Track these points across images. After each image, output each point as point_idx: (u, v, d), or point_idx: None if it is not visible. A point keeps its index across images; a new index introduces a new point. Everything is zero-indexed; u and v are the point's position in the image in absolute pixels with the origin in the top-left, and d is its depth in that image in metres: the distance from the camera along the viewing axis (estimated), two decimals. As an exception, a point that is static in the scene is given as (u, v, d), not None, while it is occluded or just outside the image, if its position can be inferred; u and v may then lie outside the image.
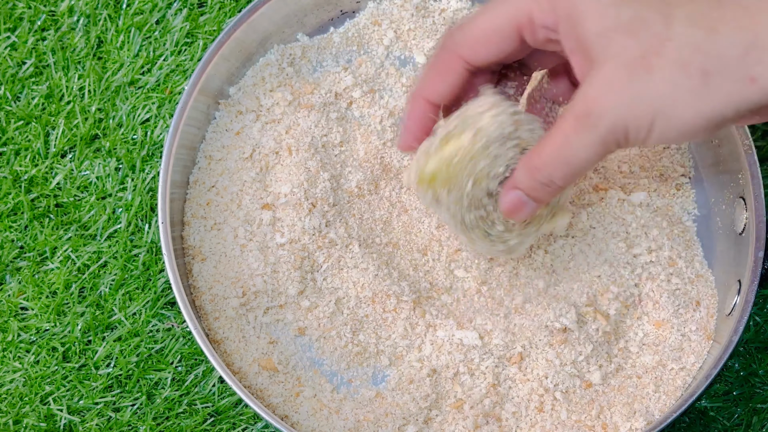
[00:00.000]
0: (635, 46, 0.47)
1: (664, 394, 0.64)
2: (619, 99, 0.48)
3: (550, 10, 0.50)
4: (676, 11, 0.47)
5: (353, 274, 0.65)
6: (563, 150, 0.50)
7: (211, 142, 0.69)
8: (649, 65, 0.47)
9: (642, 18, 0.47)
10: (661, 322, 0.65)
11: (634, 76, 0.47)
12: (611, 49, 0.48)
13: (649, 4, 0.48)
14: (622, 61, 0.48)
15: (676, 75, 0.47)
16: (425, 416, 0.63)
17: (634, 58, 0.47)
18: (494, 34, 0.53)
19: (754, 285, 0.63)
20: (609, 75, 0.48)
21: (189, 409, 0.69)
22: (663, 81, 0.47)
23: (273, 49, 0.71)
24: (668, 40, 0.47)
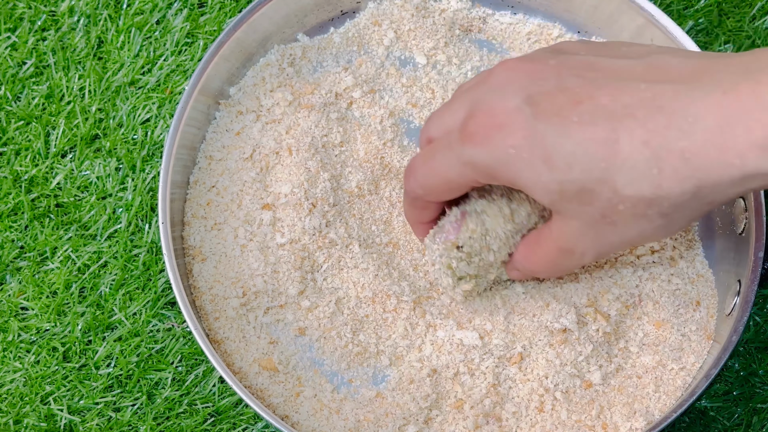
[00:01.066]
0: (592, 211, 0.51)
1: (664, 394, 0.64)
2: (597, 246, 0.54)
3: (493, 179, 0.54)
4: (617, 177, 0.49)
5: (353, 274, 0.65)
6: (554, 266, 0.58)
7: (211, 142, 0.69)
8: (612, 222, 0.51)
9: (588, 190, 0.50)
10: (661, 323, 0.65)
11: (601, 231, 0.52)
12: (569, 211, 0.52)
13: (589, 177, 0.50)
14: (585, 221, 0.52)
15: (640, 223, 0.51)
16: (425, 416, 0.63)
17: (595, 219, 0.52)
18: (453, 190, 0.57)
19: (754, 285, 0.63)
20: (578, 228, 0.53)
21: (189, 409, 0.69)
22: (629, 229, 0.52)
23: (273, 49, 0.71)
24: (620, 203, 0.50)
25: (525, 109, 0.51)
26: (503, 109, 0.51)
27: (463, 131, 0.53)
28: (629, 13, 0.69)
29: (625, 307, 0.65)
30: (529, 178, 0.51)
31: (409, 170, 0.58)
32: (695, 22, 0.78)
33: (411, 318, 0.65)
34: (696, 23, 0.78)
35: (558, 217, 0.54)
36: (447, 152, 0.54)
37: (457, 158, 0.54)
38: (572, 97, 0.50)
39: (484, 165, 0.52)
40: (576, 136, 0.49)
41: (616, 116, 0.49)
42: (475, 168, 0.53)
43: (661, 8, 0.68)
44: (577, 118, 0.49)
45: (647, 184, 0.49)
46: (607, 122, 0.49)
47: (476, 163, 0.53)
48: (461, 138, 0.53)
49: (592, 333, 0.64)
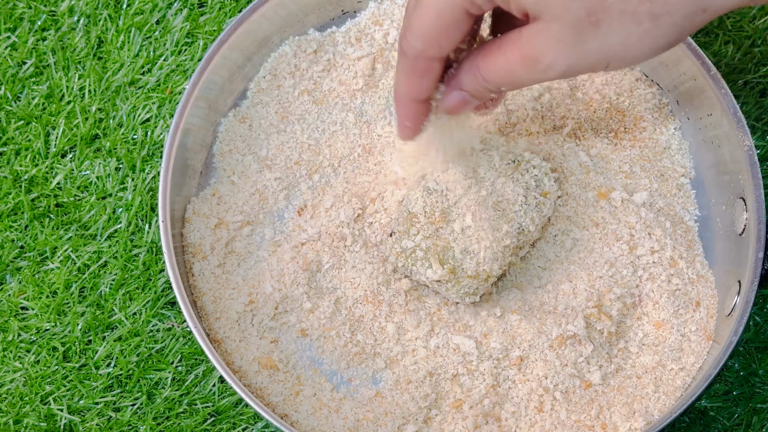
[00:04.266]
0: (578, 6, 0.48)
1: (664, 394, 0.64)
2: (569, 55, 0.49)
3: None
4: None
5: (351, 273, 0.65)
6: (512, 77, 0.52)
7: (212, 142, 0.69)
8: (597, 21, 0.48)
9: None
10: (661, 323, 0.65)
11: (582, 34, 0.48)
12: (553, 11, 0.48)
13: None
14: (567, 21, 0.48)
15: (627, 24, 0.48)
16: (425, 416, 0.63)
17: (578, 17, 0.48)
18: (450, 25, 0.53)
19: (754, 285, 0.63)
20: (556, 33, 0.49)
21: (189, 408, 0.69)
22: (613, 32, 0.48)
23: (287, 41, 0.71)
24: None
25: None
26: None
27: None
28: (629, 13, 0.69)
29: (626, 307, 0.65)
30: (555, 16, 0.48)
31: (404, 29, 0.55)
32: (695, 23, 0.78)
33: (402, 323, 0.65)
34: (696, 23, 0.78)
35: (535, 22, 0.50)
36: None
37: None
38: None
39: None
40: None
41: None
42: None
43: (661, 8, 0.68)
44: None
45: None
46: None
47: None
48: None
49: (595, 335, 0.64)
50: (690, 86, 0.69)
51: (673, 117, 0.71)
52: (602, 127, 0.70)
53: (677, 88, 0.70)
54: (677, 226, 0.68)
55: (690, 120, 0.71)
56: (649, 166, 0.69)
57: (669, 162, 0.70)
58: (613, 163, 0.69)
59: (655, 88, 0.71)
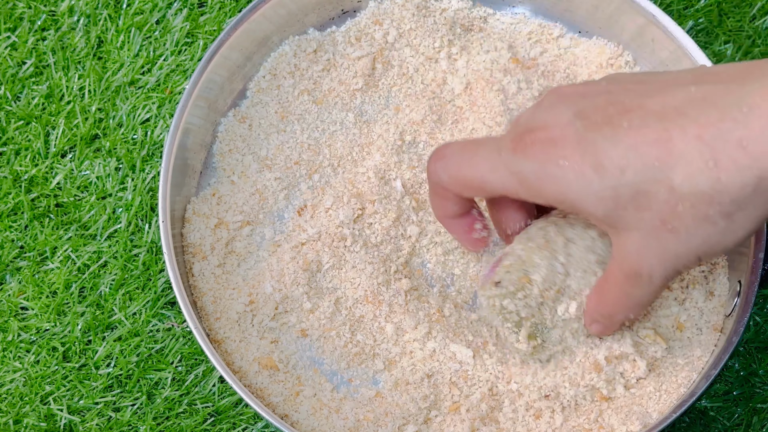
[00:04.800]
0: (651, 216, 0.49)
1: (665, 393, 0.64)
2: (661, 259, 0.51)
3: (536, 195, 0.53)
4: (672, 174, 0.48)
5: (351, 273, 0.65)
6: (628, 300, 0.55)
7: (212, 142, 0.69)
8: (673, 228, 0.49)
9: (644, 192, 0.49)
10: (683, 324, 0.65)
11: (665, 241, 0.50)
12: (627, 221, 0.50)
13: (643, 178, 0.49)
14: (645, 231, 0.50)
15: (703, 228, 0.49)
16: (425, 416, 0.63)
17: (656, 226, 0.50)
18: (485, 191, 0.56)
19: (754, 285, 0.63)
20: (640, 242, 0.51)
21: (189, 408, 0.69)
22: (692, 236, 0.49)
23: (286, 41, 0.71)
24: (678, 203, 0.48)
25: (576, 122, 0.50)
26: (555, 123, 0.51)
27: (516, 141, 0.52)
28: (630, 13, 0.69)
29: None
30: (579, 190, 0.50)
31: (439, 156, 0.57)
32: (695, 22, 0.78)
33: (401, 324, 0.64)
34: (696, 23, 0.78)
35: (616, 235, 0.52)
36: (494, 154, 0.53)
37: (504, 165, 0.53)
38: (621, 107, 0.50)
39: (534, 177, 0.52)
40: (627, 141, 0.49)
41: (667, 117, 0.48)
42: (523, 180, 0.52)
43: (661, 8, 0.68)
44: (627, 123, 0.49)
45: (704, 178, 0.47)
46: (658, 123, 0.48)
47: (525, 175, 0.52)
48: (513, 147, 0.52)
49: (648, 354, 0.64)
50: (690, 86, 0.69)
51: (673, 117, 0.71)
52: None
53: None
54: None
55: (690, 120, 0.70)
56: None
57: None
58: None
59: (655, 88, 0.71)
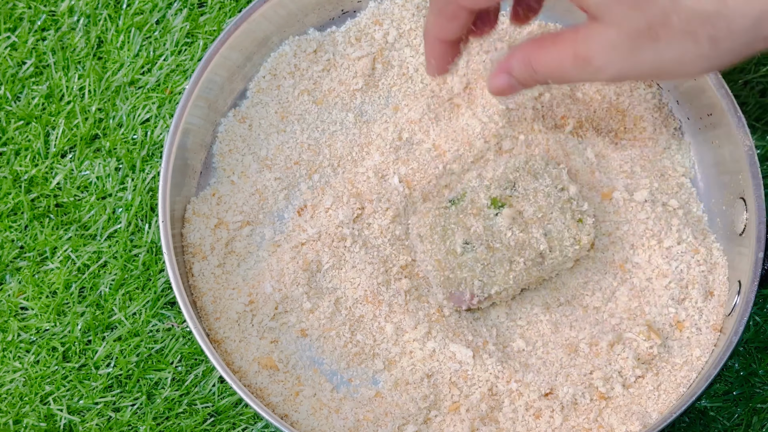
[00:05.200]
0: (640, 17, 0.48)
1: (664, 392, 0.64)
2: (622, 62, 0.50)
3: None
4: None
5: (351, 274, 0.65)
6: (560, 71, 0.53)
7: (212, 142, 0.69)
8: (656, 35, 0.48)
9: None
10: (683, 323, 0.65)
11: (639, 44, 0.49)
12: (614, 16, 0.49)
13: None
14: (625, 29, 0.49)
15: (685, 43, 0.48)
16: (424, 416, 0.63)
17: (638, 29, 0.49)
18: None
19: (754, 285, 0.63)
20: (613, 39, 0.50)
21: (189, 409, 0.69)
22: (670, 49, 0.49)
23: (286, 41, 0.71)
24: (674, 13, 0.48)
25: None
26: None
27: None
28: (629, 13, 0.69)
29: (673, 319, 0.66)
30: (615, 21, 0.49)
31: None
32: (695, 23, 0.78)
33: (401, 324, 0.64)
34: (696, 23, 0.78)
35: (595, 23, 0.50)
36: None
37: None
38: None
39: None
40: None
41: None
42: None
43: (661, 8, 0.68)
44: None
45: (709, 1, 0.47)
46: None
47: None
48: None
49: (641, 351, 0.64)
50: (690, 86, 0.69)
51: (673, 117, 0.71)
52: (602, 127, 0.70)
53: (677, 88, 0.70)
54: (689, 215, 0.68)
55: (690, 120, 0.71)
56: (650, 165, 0.69)
57: (669, 162, 0.70)
58: (614, 162, 0.69)
59: (655, 88, 0.71)
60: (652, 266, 0.66)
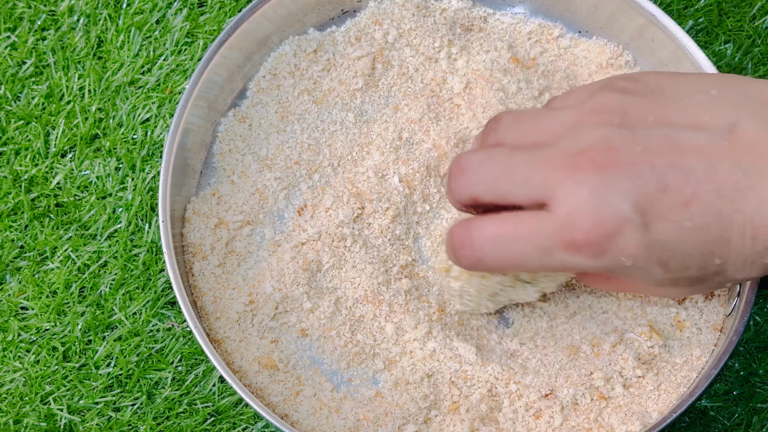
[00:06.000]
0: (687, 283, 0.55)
1: (665, 392, 0.64)
2: (653, 292, 0.61)
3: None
4: (729, 268, 0.52)
5: (351, 273, 0.65)
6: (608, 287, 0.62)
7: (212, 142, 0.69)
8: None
9: (702, 280, 0.53)
10: (683, 323, 0.65)
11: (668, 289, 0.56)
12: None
13: (704, 269, 0.52)
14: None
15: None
16: (425, 416, 0.63)
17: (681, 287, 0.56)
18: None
19: (754, 285, 0.63)
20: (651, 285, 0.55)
21: (189, 408, 0.69)
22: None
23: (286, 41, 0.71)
24: (728, 283, 0.54)
25: (635, 218, 0.50)
26: (611, 217, 0.50)
27: (566, 237, 0.50)
28: (630, 13, 0.69)
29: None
30: (642, 279, 0.53)
31: (453, 165, 0.55)
32: (695, 22, 0.78)
33: (401, 324, 0.64)
34: (696, 23, 0.78)
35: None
36: (538, 242, 0.51)
37: (550, 257, 0.51)
38: (677, 197, 0.50)
39: (591, 270, 0.52)
40: (691, 240, 0.50)
41: (725, 214, 0.49)
42: (576, 269, 0.53)
43: (661, 8, 0.68)
44: (690, 222, 0.50)
45: (757, 269, 0.51)
46: (717, 222, 0.49)
47: (581, 268, 0.52)
48: (564, 245, 0.51)
49: (642, 352, 0.64)
50: (690, 86, 0.69)
51: (673, 117, 0.71)
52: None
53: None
54: None
55: (690, 120, 0.70)
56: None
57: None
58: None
59: (655, 88, 0.71)
60: None
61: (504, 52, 0.71)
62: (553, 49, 0.73)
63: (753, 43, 0.78)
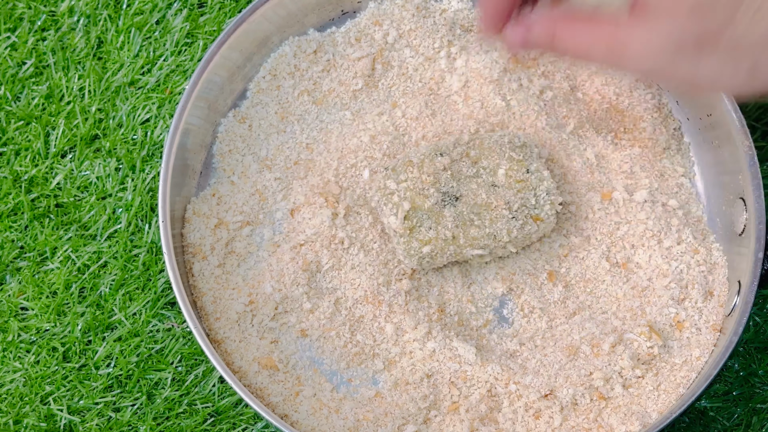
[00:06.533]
0: (693, 26, 0.48)
1: (664, 392, 0.64)
2: (659, 62, 0.49)
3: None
4: (745, 3, 0.47)
5: (351, 274, 0.65)
6: (586, 53, 0.52)
7: (212, 142, 0.69)
8: (701, 48, 0.48)
9: (711, 3, 0.47)
10: (682, 323, 0.65)
11: (682, 52, 0.49)
12: (667, 16, 0.48)
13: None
14: (675, 34, 0.48)
15: (725, 65, 0.48)
16: (424, 416, 0.63)
17: (686, 36, 0.48)
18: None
19: (754, 285, 0.63)
20: (659, 38, 0.49)
21: (189, 409, 0.69)
22: (709, 66, 0.48)
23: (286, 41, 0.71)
24: (727, 32, 0.47)
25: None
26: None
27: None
28: (629, 14, 0.69)
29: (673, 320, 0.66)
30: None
31: None
32: (695, 23, 0.78)
33: (401, 324, 0.64)
34: (696, 23, 0.78)
35: (644, 18, 0.49)
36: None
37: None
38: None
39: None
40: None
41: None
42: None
43: (661, 8, 0.68)
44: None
45: (763, 28, 0.47)
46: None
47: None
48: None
49: (640, 353, 0.64)
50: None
51: (672, 117, 0.71)
52: (602, 127, 0.70)
53: (677, 88, 0.70)
54: (689, 216, 0.68)
55: (690, 120, 0.71)
56: (649, 165, 0.69)
57: (669, 162, 0.70)
58: (613, 162, 0.69)
59: (655, 88, 0.71)
60: (652, 266, 0.66)
61: (504, 53, 0.71)
62: (553, 50, 0.73)
63: (753, 44, 0.78)
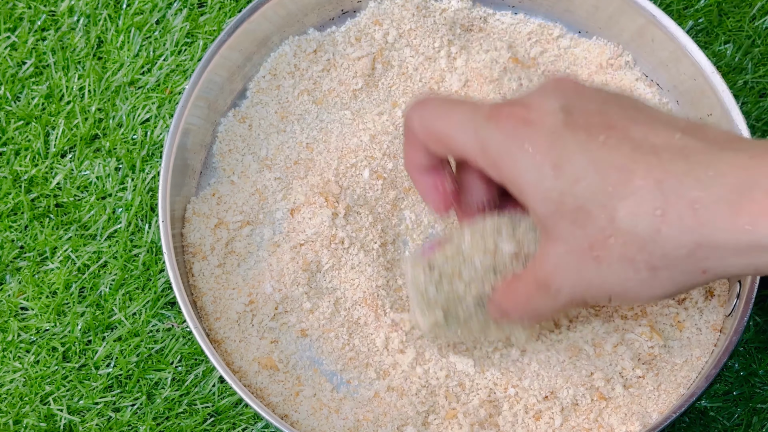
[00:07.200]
0: (582, 236, 0.49)
1: (664, 392, 0.64)
2: (574, 282, 0.51)
3: (492, 167, 0.52)
4: (619, 205, 0.48)
5: (350, 274, 0.65)
6: (529, 305, 0.54)
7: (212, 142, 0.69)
8: (598, 258, 0.49)
9: (586, 211, 0.48)
10: (683, 323, 0.65)
11: (584, 265, 0.50)
12: (559, 231, 0.50)
13: (592, 197, 0.48)
14: (571, 247, 0.50)
15: (626, 269, 0.49)
16: (423, 420, 0.63)
17: (582, 248, 0.49)
18: (448, 147, 0.54)
19: (754, 285, 0.63)
20: (561, 256, 0.50)
21: (189, 409, 0.69)
22: (612, 273, 0.49)
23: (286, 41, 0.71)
24: (612, 235, 0.48)
25: (558, 114, 0.50)
26: (539, 108, 0.50)
27: (494, 110, 0.51)
28: (629, 13, 0.69)
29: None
30: (531, 181, 0.49)
31: (419, 104, 0.56)
32: (695, 22, 0.78)
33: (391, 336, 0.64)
34: (696, 23, 0.78)
35: (545, 239, 0.51)
36: (468, 115, 0.52)
37: (474, 128, 0.52)
38: (607, 121, 0.49)
39: (495, 150, 0.51)
40: (595, 154, 0.48)
41: (641, 150, 0.48)
42: (485, 149, 0.51)
43: (661, 8, 0.68)
44: (604, 138, 0.48)
45: (646, 223, 0.47)
46: (630, 152, 0.48)
47: (488, 144, 0.51)
48: (490, 114, 0.51)
49: (640, 351, 0.64)
50: (690, 86, 0.69)
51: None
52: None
53: (677, 88, 0.70)
54: None
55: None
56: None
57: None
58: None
59: (655, 88, 0.71)
60: None
61: (504, 52, 0.71)
62: (553, 49, 0.73)
63: (753, 44, 0.78)
